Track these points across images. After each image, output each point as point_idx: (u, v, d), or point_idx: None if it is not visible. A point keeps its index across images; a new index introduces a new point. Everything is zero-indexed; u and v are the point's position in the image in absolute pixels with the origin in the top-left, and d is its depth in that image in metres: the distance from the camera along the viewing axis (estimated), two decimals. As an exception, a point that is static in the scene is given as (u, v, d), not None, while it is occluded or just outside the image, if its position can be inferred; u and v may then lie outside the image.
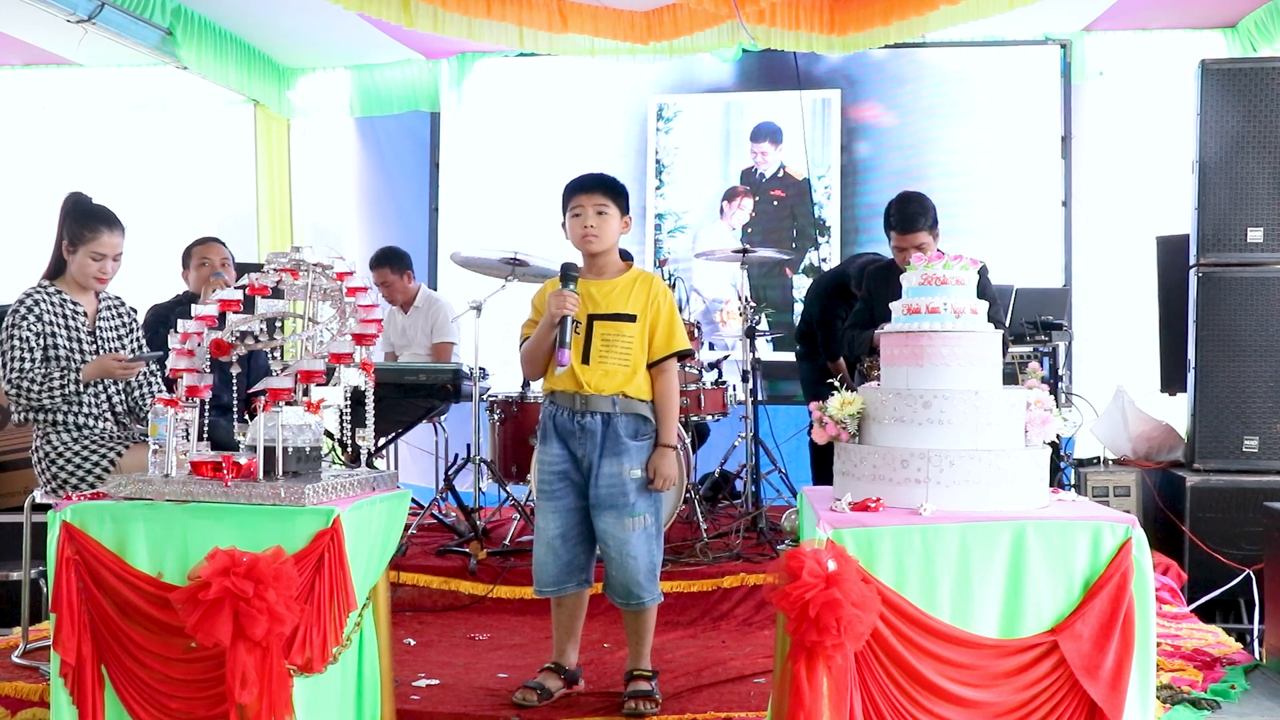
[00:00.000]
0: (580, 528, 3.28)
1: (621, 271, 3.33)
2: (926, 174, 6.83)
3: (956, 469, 2.48)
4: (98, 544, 2.56)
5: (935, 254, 2.73)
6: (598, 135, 7.29)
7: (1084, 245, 6.87)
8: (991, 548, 2.39)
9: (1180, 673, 3.46)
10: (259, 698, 2.38)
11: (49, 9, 5.29)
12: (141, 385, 3.80)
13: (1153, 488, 4.89)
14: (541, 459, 3.31)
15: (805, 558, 2.26)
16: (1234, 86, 4.62)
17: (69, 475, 3.53)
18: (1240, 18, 6.30)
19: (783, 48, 6.34)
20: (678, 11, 6.12)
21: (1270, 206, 4.60)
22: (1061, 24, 6.65)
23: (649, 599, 3.26)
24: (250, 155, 7.18)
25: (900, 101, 7.06)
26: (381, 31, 6.49)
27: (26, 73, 7.01)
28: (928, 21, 5.89)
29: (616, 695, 3.30)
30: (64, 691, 2.57)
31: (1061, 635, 2.37)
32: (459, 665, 3.70)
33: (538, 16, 6.01)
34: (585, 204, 3.25)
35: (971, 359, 2.59)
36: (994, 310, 3.67)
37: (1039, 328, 5.16)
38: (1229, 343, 4.62)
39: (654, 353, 3.26)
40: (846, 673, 2.28)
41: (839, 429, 2.67)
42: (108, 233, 3.62)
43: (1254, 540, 4.23)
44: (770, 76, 7.15)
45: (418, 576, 4.47)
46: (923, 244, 4.25)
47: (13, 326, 3.53)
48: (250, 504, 2.55)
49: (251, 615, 2.33)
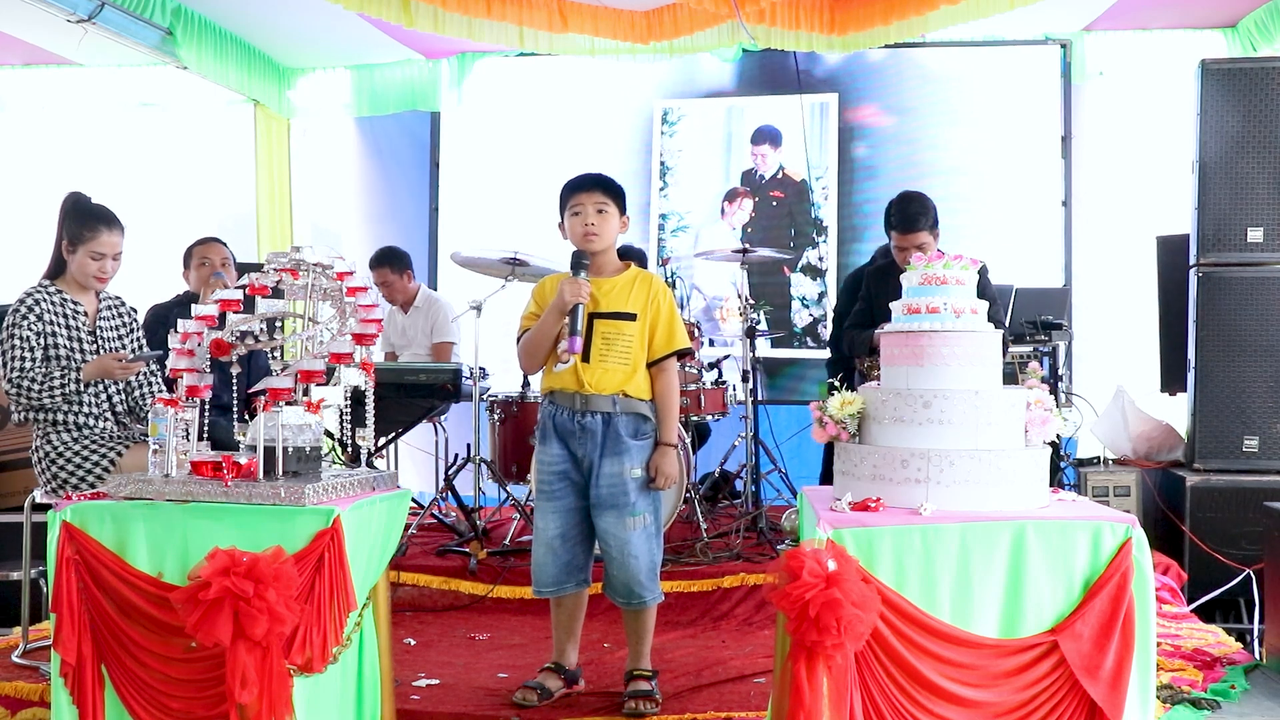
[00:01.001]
0: (580, 528, 3.28)
1: (620, 270, 3.33)
2: (926, 174, 6.83)
3: (956, 469, 2.48)
4: (98, 544, 2.56)
5: (935, 254, 2.73)
6: (598, 135, 7.29)
7: (1084, 245, 6.86)
8: (991, 548, 2.39)
9: (1180, 673, 3.46)
10: (259, 697, 2.38)
11: (49, 9, 5.29)
12: (142, 385, 3.80)
13: (1153, 488, 4.89)
14: (541, 459, 3.30)
15: (805, 558, 2.26)
16: (1234, 86, 4.62)
17: (69, 475, 3.53)
18: (1240, 18, 6.30)
19: (783, 48, 6.34)
20: (678, 11, 6.12)
21: (1270, 206, 4.60)
22: (1061, 24, 6.65)
23: (650, 598, 3.26)
24: (250, 155, 7.18)
25: (900, 101, 7.06)
26: (381, 31, 6.49)
27: (26, 73, 7.01)
28: (928, 21, 5.89)
29: (616, 695, 3.30)
30: (64, 691, 2.57)
31: (1061, 635, 2.37)
32: (459, 665, 3.70)
33: (538, 16, 6.01)
34: (585, 203, 3.26)
35: (971, 359, 2.59)
36: (994, 310, 3.67)
37: (1039, 328, 5.16)
38: (1229, 343, 4.62)
39: (654, 351, 3.27)
40: (846, 673, 2.28)
41: (839, 429, 2.67)
42: (107, 232, 3.62)
43: (1254, 540, 4.23)
44: (770, 78, 7.15)
45: (418, 576, 4.47)
46: (923, 244, 4.25)
47: (13, 326, 3.53)
48: (250, 504, 2.55)
49: (251, 615, 2.33)
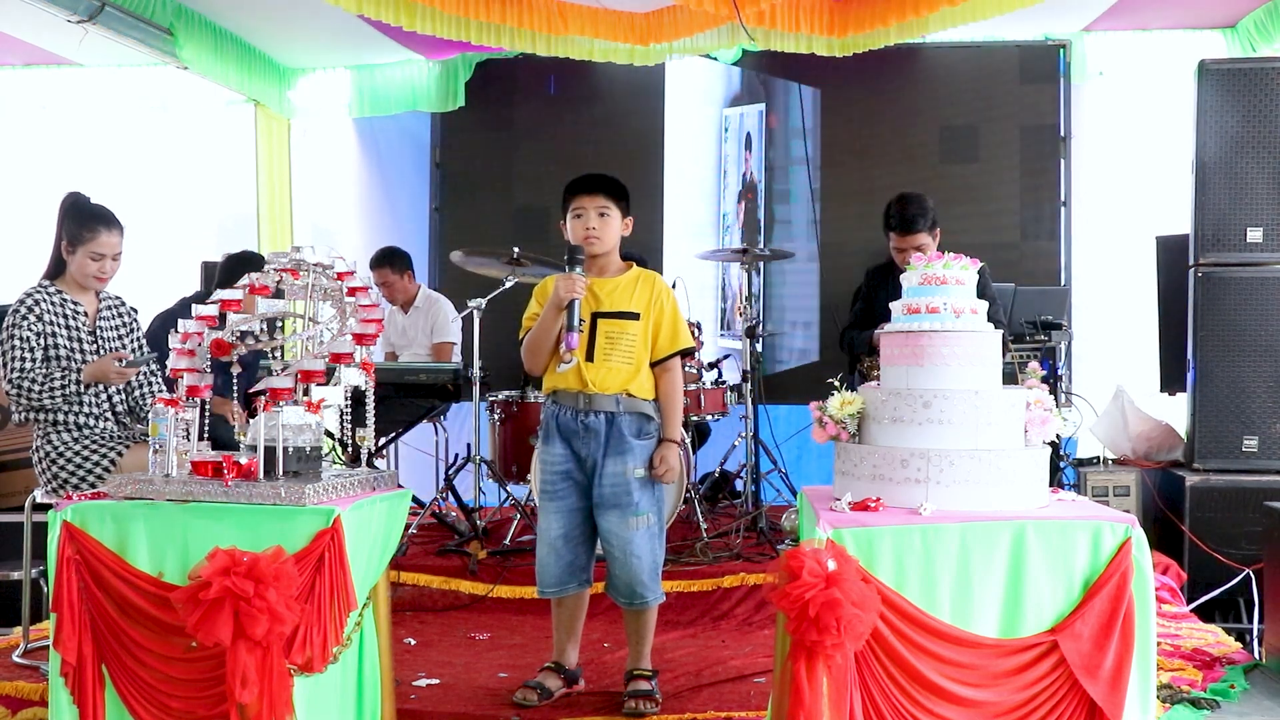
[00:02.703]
0: (582, 528, 3.29)
1: (623, 271, 3.34)
2: (926, 173, 6.83)
3: (956, 469, 2.49)
4: (98, 544, 2.57)
5: (935, 254, 2.73)
6: (598, 135, 7.29)
7: (1084, 245, 6.86)
8: (991, 547, 2.40)
9: (1180, 672, 3.46)
10: (259, 697, 2.38)
11: (49, 9, 5.28)
12: (142, 385, 3.80)
13: (1152, 488, 4.89)
14: (544, 459, 3.31)
15: (805, 557, 2.26)
16: (1233, 87, 4.62)
17: (69, 475, 3.53)
18: (1240, 18, 6.30)
19: (783, 48, 6.33)
20: (678, 12, 6.11)
21: (1269, 206, 4.60)
22: (1061, 24, 6.64)
23: (652, 598, 3.26)
24: (250, 155, 7.17)
25: (900, 101, 7.05)
26: (381, 32, 6.49)
27: (27, 73, 7.00)
28: (927, 22, 5.89)
29: (616, 695, 3.30)
30: (64, 691, 2.57)
31: (1061, 635, 2.38)
32: (459, 665, 3.71)
33: (538, 17, 6.01)
34: (587, 206, 3.26)
35: (971, 359, 2.59)
36: (994, 310, 3.67)
37: (1039, 328, 5.16)
38: (1229, 343, 4.62)
39: (658, 351, 3.27)
40: (846, 672, 2.28)
41: (839, 429, 2.67)
42: (106, 232, 3.62)
43: (1254, 540, 4.23)
44: (769, 78, 7.14)
45: (418, 576, 4.47)
46: (922, 245, 4.25)
47: (13, 326, 3.54)
48: (250, 504, 2.55)
49: (252, 615, 2.33)
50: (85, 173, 6.56)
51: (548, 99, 7.37)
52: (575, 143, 7.18)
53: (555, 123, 7.32)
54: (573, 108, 7.32)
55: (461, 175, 7.48)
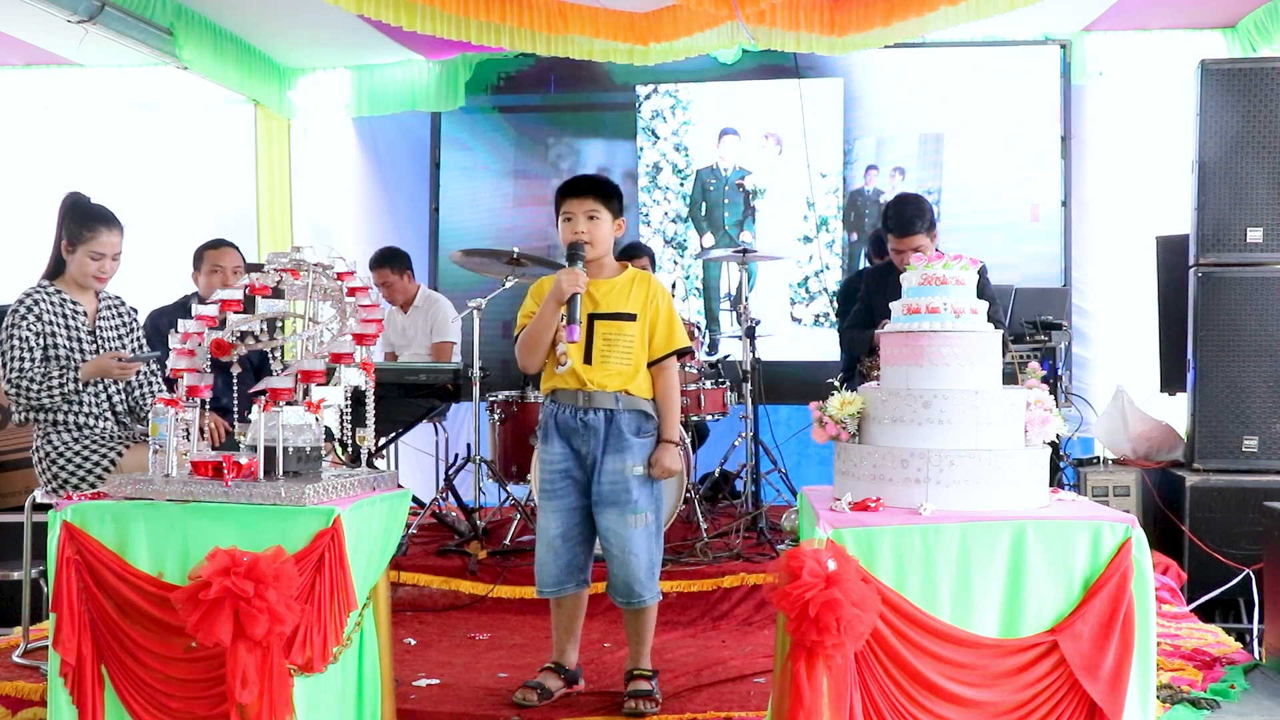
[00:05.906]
0: (581, 527, 3.29)
1: (618, 272, 3.34)
2: (926, 173, 6.83)
3: (956, 469, 2.49)
4: (98, 544, 2.57)
5: (935, 254, 2.73)
6: (598, 136, 7.29)
7: (1084, 245, 6.87)
8: (991, 547, 2.40)
9: (1180, 672, 3.46)
10: (259, 697, 2.38)
11: (49, 9, 5.28)
12: (142, 385, 3.80)
13: (1152, 488, 4.89)
14: (544, 458, 3.31)
15: (805, 558, 2.26)
16: (1233, 87, 4.62)
17: (69, 475, 3.53)
18: (1240, 18, 6.30)
19: (783, 48, 6.33)
20: (678, 12, 6.11)
21: (1270, 206, 4.60)
22: (1061, 24, 6.65)
23: (649, 597, 3.26)
24: (250, 155, 7.17)
25: (899, 101, 7.06)
26: (381, 32, 6.49)
27: (27, 73, 7.00)
28: (927, 22, 5.89)
29: (616, 695, 3.30)
30: (64, 691, 2.57)
31: (1061, 635, 2.38)
32: (459, 665, 3.71)
33: (538, 16, 6.01)
34: (576, 210, 3.25)
35: (971, 359, 2.59)
36: (994, 310, 3.67)
37: (1039, 328, 5.16)
38: (1228, 343, 4.62)
39: (654, 351, 3.27)
40: (846, 673, 2.28)
41: (839, 429, 2.67)
42: (106, 232, 3.62)
43: (1254, 540, 4.23)
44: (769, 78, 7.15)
45: (418, 576, 4.47)
46: (920, 246, 4.25)
47: (13, 326, 3.54)
48: (250, 504, 2.55)
49: (252, 615, 2.33)
50: (85, 173, 6.55)
51: (548, 99, 7.37)
52: (575, 143, 7.18)
53: (555, 123, 7.33)
54: (573, 107, 7.32)
55: (461, 175, 7.48)
